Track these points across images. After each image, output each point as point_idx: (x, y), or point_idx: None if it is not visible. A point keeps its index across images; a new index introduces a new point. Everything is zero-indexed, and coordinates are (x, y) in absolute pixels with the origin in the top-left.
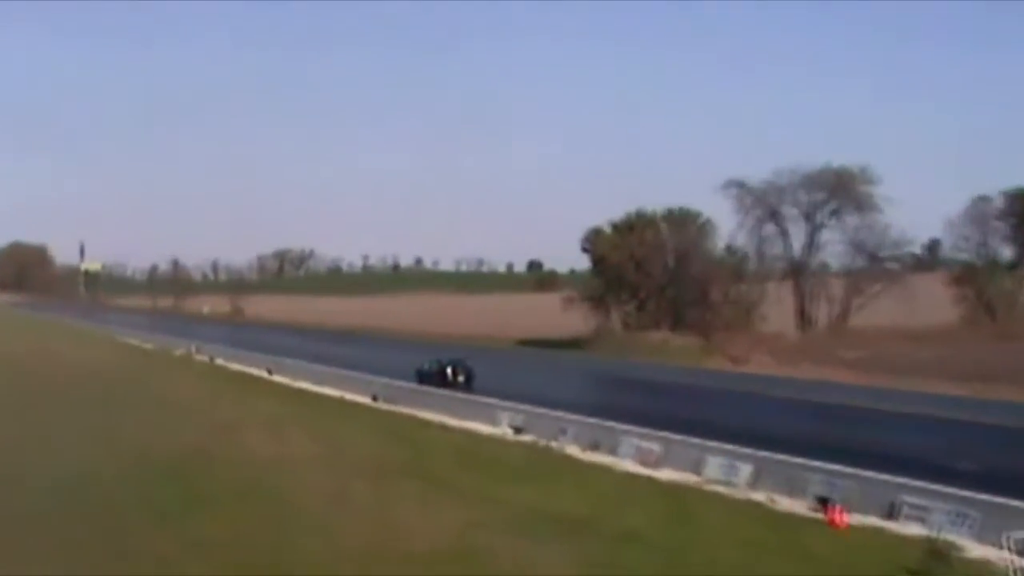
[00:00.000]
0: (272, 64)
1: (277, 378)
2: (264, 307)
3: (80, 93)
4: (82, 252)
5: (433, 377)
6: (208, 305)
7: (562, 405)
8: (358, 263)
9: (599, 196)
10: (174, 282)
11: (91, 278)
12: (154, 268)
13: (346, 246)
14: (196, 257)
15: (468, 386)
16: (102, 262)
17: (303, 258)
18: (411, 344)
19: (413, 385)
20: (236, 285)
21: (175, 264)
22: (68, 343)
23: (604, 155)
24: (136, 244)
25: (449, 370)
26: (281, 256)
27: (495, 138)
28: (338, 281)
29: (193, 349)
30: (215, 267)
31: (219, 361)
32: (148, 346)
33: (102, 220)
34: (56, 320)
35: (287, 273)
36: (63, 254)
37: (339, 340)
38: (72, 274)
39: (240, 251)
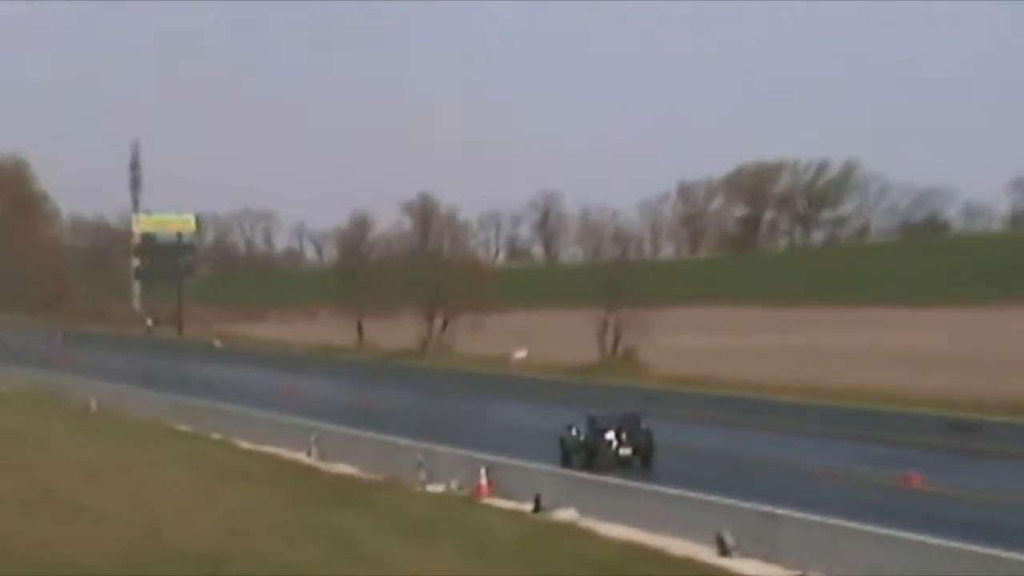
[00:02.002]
0: None
1: (743, 567)
2: (700, 338)
3: None
4: (135, 181)
5: (582, 451)
6: (525, 346)
7: None
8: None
9: None
10: (428, 266)
11: (161, 261)
12: (359, 219)
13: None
14: (483, 193)
15: (646, 466)
16: (195, 212)
17: (824, 190)
18: None
19: None
20: (618, 274)
21: (424, 208)
22: (123, 475)
23: None
24: (290, 163)
25: (612, 435)
26: (752, 180)
27: None
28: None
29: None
30: (547, 222)
31: (561, 516)
32: (343, 470)
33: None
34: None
35: (760, 238)
36: (75, 189)
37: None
38: (106, 245)
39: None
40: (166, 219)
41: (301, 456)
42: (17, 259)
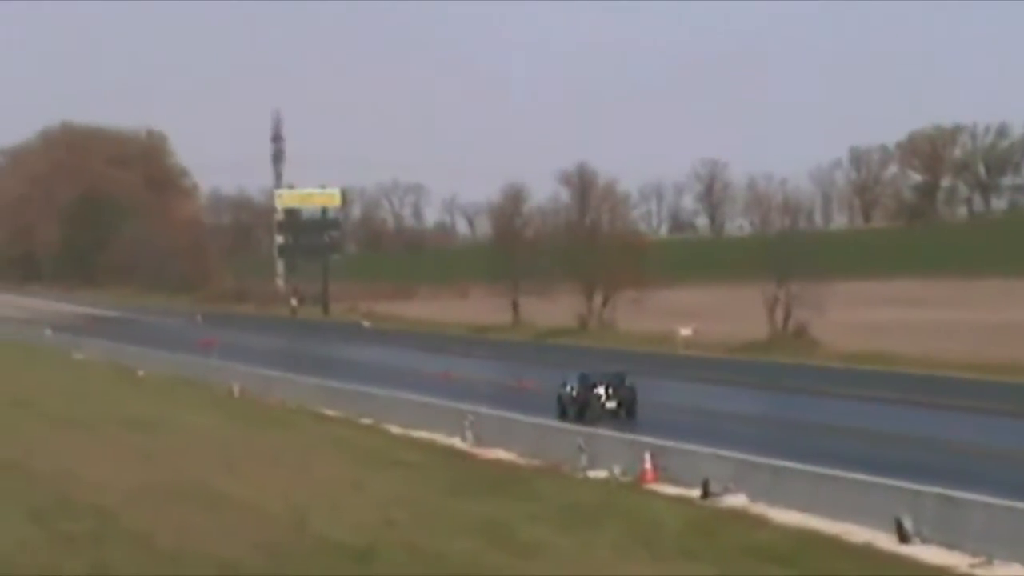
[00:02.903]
0: None
1: (924, 554)
2: (876, 313)
3: None
4: (277, 154)
5: (575, 405)
6: (690, 322)
7: None
8: None
9: None
10: (587, 240)
11: (305, 238)
12: (513, 191)
13: None
14: (643, 163)
15: (630, 417)
16: (341, 187)
17: None
18: None
19: None
20: (788, 246)
21: (581, 179)
22: None
23: None
24: (441, 134)
25: (601, 390)
26: (928, 145)
27: None
28: None
29: None
30: (711, 193)
31: (731, 502)
32: (499, 455)
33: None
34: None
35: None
36: (216, 164)
37: None
38: (248, 221)
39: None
40: (310, 194)
41: (455, 441)
42: (155, 237)
